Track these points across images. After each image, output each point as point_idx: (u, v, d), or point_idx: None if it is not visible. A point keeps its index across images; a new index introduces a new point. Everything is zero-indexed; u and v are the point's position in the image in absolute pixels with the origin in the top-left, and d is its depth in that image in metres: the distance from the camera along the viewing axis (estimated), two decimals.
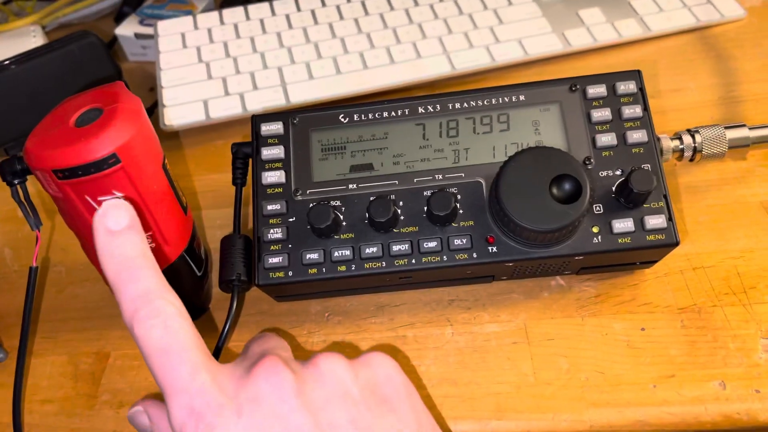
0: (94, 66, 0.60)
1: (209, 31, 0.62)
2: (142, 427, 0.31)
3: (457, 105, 0.42)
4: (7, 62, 0.56)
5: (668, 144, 0.43)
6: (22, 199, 0.37)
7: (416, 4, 0.63)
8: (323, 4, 0.64)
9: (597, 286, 0.43)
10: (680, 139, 0.43)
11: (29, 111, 0.58)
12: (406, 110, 0.42)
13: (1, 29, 0.70)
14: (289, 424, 0.26)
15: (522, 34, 0.60)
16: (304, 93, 0.57)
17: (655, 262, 0.42)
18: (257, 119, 0.42)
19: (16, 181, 0.37)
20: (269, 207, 0.41)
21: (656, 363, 0.39)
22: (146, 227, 0.38)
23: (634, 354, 0.39)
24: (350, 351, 0.42)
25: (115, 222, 0.29)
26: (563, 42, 0.59)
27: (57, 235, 0.52)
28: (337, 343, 0.42)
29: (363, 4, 0.64)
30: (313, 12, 0.63)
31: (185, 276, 0.42)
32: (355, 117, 0.42)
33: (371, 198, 0.40)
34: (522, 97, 0.41)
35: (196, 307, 0.45)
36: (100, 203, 0.35)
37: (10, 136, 0.58)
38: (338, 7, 0.63)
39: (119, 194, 0.35)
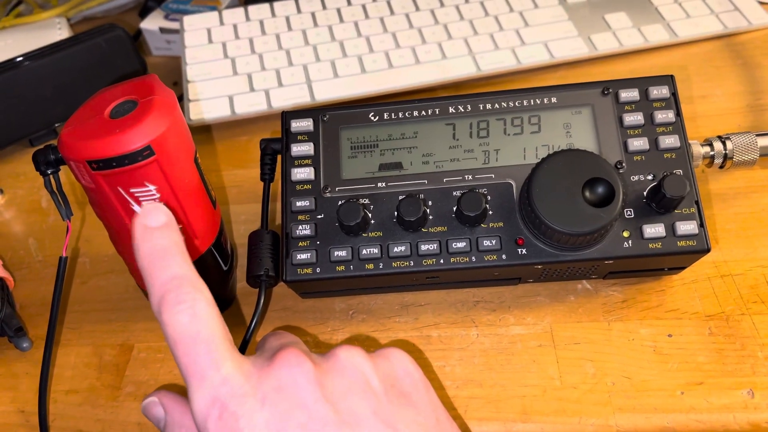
0: (120, 59, 0.60)
1: (235, 27, 0.62)
2: (156, 418, 0.31)
3: (488, 106, 0.42)
4: (34, 54, 0.57)
5: (698, 150, 0.42)
6: (55, 189, 0.37)
7: (442, 4, 0.63)
8: (348, 2, 0.64)
9: (623, 291, 0.42)
10: (711, 145, 0.43)
11: (55, 103, 0.59)
12: (437, 110, 0.42)
13: (26, 21, 0.71)
14: (312, 414, 0.26)
15: (548, 36, 0.60)
16: (329, 91, 0.57)
17: (683, 268, 0.42)
18: (287, 116, 0.43)
19: (49, 171, 0.37)
20: (298, 203, 0.41)
21: (684, 370, 0.38)
22: (177, 220, 0.37)
23: (661, 360, 0.39)
24: (373, 348, 0.41)
25: (154, 220, 0.30)
26: (589, 46, 0.59)
27: (81, 226, 0.52)
28: (361, 341, 0.42)
29: (388, 4, 0.64)
30: (338, 10, 0.63)
31: (212, 270, 0.42)
32: (385, 115, 0.42)
33: (400, 197, 0.40)
34: (554, 100, 0.41)
35: (221, 302, 0.45)
36: (132, 195, 0.36)
37: (36, 128, 0.59)
38: (363, 6, 0.63)
39: (152, 186, 0.36)
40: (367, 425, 0.27)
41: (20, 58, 0.56)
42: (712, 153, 0.43)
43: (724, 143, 0.43)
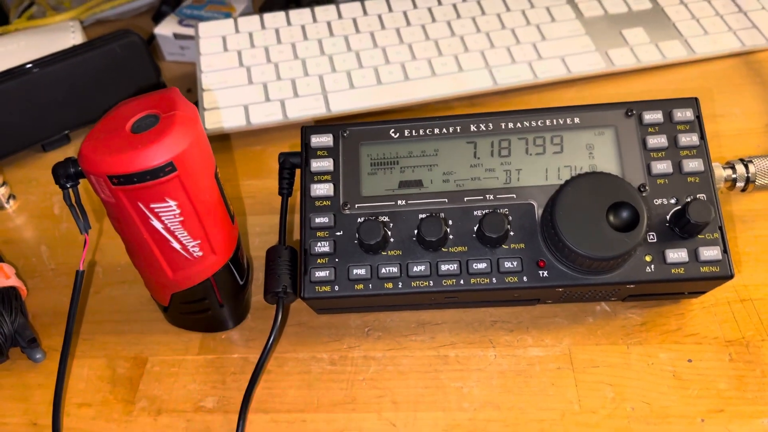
0: (134, 65, 0.60)
1: (250, 35, 0.62)
2: None
3: (510, 125, 0.41)
4: (48, 59, 0.56)
5: (720, 173, 0.42)
6: (74, 202, 0.37)
7: (458, 16, 0.63)
8: (365, 12, 0.64)
9: (643, 314, 0.42)
10: (733, 168, 0.43)
11: (68, 108, 0.58)
12: (458, 128, 0.42)
13: (39, 24, 0.70)
14: None
15: (565, 51, 0.59)
16: (344, 102, 0.56)
17: (704, 292, 0.41)
18: (307, 131, 0.42)
19: (69, 185, 0.36)
20: (317, 220, 0.40)
21: (704, 396, 0.38)
22: (196, 236, 0.37)
23: (681, 386, 0.39)
24: (392, 369, 0.41)
25: None
26: (606, 61, 0.59)
27: (98, 238, 0.51)
28: (378, 359, 0.42)
29: (405, 15, 0.63)
30: (354, 20, 0.63)
31: (228, 285, 0.42)
32: (406, 132, 0.42)
33: (420, 215, 0.40)
34: (576, 120, 0.41)
35: (236, 316, 0.44)
36: (152, 210, 0.35)
37: (49, 133, 0.58)
38: (380, 17, 0.63)
39: (172, 202, 0.35)
40: None
41: (34, 63, 0.56)
42: (734, 176, 0.42)
43: (746, 166, 0.42)
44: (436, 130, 0.42)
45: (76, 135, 0.60)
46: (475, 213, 0.40)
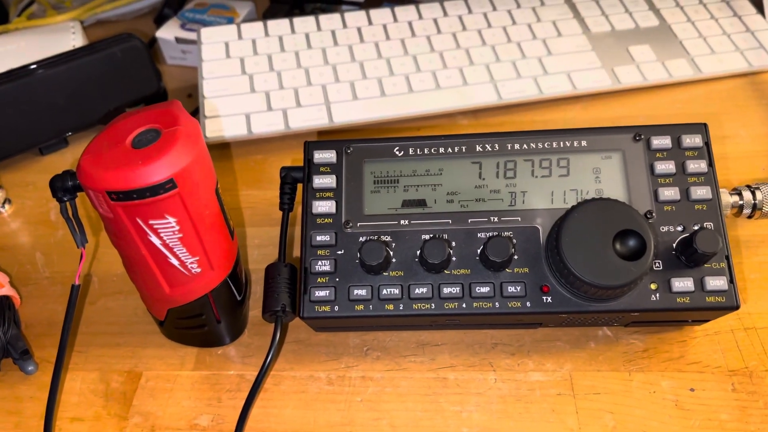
0: (135, 70, 0.59)
1: (253, 42, 0.61)
2: None
3: (516, 146, 0.41)
4: (49, 62, 0.55)
5: (727, 199, 0.42)
6: (71, 215, 0.36)
7: (464, 28, 0.62)
8: (369, 22, 0.63)
9: (645, 340, 0.42)
10: (740, 194, 0.42)
11: (67, 112, 0.57)
12: (463, 147, 0.41)
13: (39, 23, 0.69)
14: None
15: (571, 67, 0.59)
16: (347, 113, 0.56)
17: (707, 320, 0.41)
18: (311, 146, 0.42)
19: (66, 198, 0.36)
20: (318, 238, 0.40)
21: (706, 428, 0.38)
22: (194, 252, 0.37)
23: (683, 416, 0.38)
24: (390, 391, 0.40)
25: None
26: (612, 78, 0.58)
27: (95, 249, 0.51)
28: (376, 380, 0.41)
29: (410, 25, 0.63)
30: (359, 30, 0.62)
31: (226, 300, 0.41)
32: (410, 150, 0.41)
33: (423, 236, 0.39)
34: (584, 143, 0.40)
35: (233, 331, 0.44)
36: (151, 226, 0.35)
37: (47, 137, 0.58)
38: (384, 26, 0.62)
39: (172, 219, 0.35)
40: None
41: (34, 66, 0.55)
42: (741, 203, 0.42)
43: (753, 193, 0.42)
44: (441, 149, 0.41)
45: (75, 139, 0.60)
46: (479, 235, 0.39)
